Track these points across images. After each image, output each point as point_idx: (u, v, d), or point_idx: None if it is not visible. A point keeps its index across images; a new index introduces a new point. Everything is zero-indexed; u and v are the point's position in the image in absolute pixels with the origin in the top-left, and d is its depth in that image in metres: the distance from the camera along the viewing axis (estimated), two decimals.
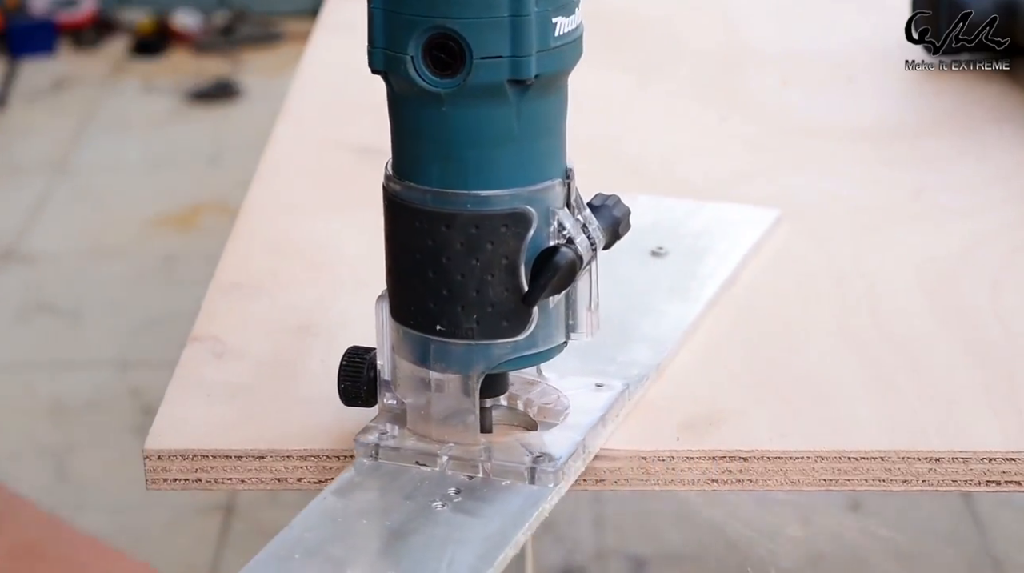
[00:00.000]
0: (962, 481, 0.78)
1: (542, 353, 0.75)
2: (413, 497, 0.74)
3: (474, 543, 0.71)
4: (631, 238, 0.98)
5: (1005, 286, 0.95)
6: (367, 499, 0.75)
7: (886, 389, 0.84)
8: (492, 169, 0.72)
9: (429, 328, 0.74)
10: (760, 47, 1.39)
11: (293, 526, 0.73)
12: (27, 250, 2.74)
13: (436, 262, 0.73)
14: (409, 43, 0.71)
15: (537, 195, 0.72)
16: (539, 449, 0.76)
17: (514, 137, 0.72)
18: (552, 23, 0.71)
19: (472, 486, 0.75)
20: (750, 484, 0.78)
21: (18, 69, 3.51)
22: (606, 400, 0.79)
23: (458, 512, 0.73)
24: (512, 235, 0.72)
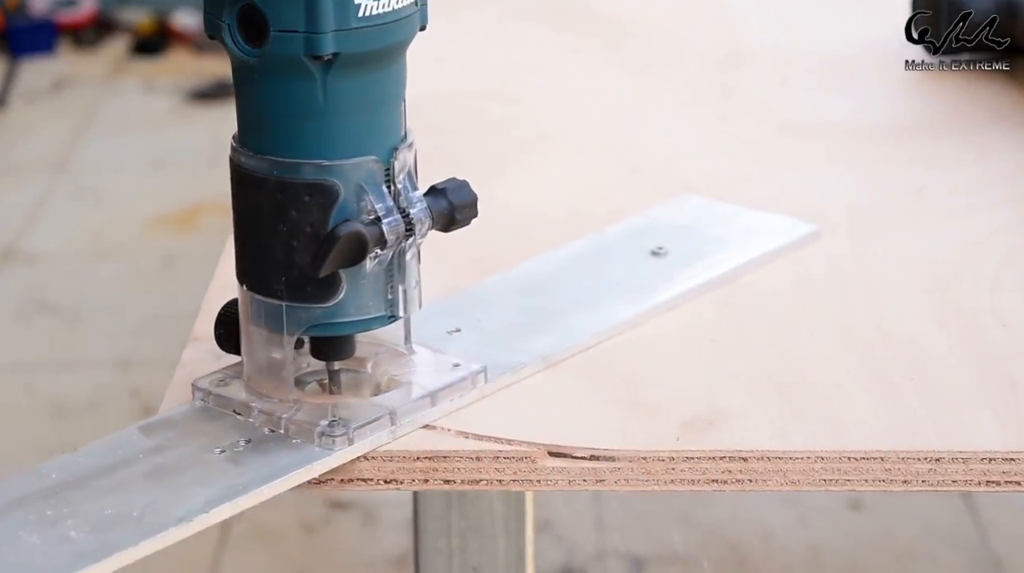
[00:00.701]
0: (962, 481, 0.78)
1: (355, 323, 0.78)
2: (205, 442, 0.77)
3: (213, 489, 0.74)
4: (644, 236, 0.99)
5: (1005, 286, 0.95)
6: (164, 437, 0.78)
7: (886, 389, 0.84)
8: (300, 139, 0.75)
9: (250, 286, 0.79)
10: (760, 47, 1.39)
11: (80, 450, 0.76)
12: (27, 250, 2.74)
13: (250, 223, 0.78)
14: (224, 11, 0.75)
15: (346, 169, 0.75)
16: (342, 413, 0.78)
17: (320, 110, 0.75)
18: (355, 4, 0.74)
19: (266, 439, 0.78)
20: (750, 484, 0.78)
21: (18, 69, 3.51)
22: (448, 379, 0.81)
23: (228, 461, 0.76)
24: (316, 205, 0.75)
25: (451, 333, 0.87)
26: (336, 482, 0.79)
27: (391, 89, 0.77)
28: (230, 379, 0.81)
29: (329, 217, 0.75)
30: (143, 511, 0.72)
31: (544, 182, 1.12)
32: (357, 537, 1.99)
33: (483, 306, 0.91)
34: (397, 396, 0.80)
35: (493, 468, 0.78)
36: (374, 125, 0.77)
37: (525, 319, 0.89)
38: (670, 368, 0.86)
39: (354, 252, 0.75)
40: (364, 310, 0.78)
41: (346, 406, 0.79)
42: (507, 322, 0.89)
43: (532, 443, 0.79)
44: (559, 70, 1.34)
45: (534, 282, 0.94)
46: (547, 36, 1.42)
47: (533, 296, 0.92)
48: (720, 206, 1.04)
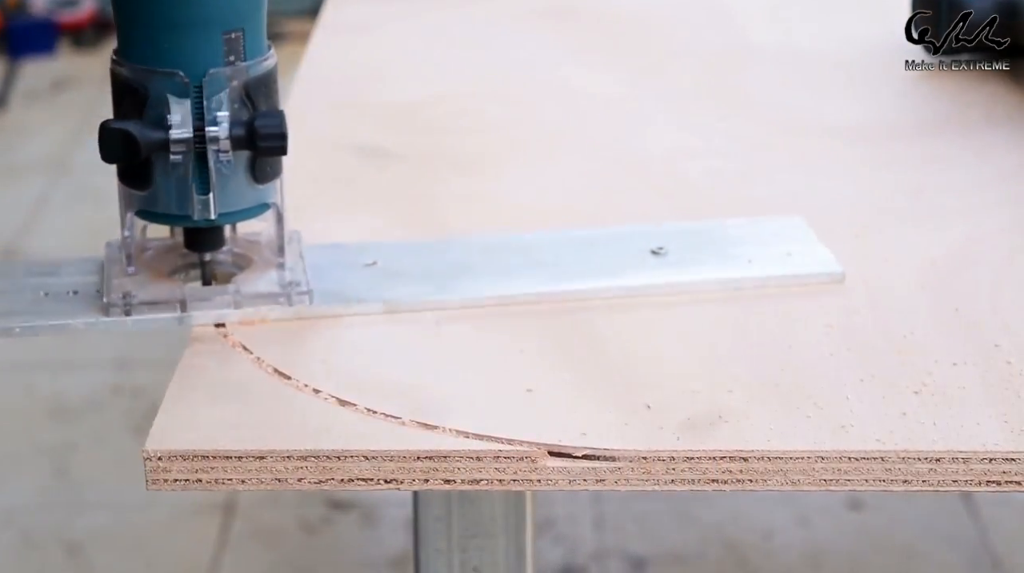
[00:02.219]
0: (962, 481, 0.78)
1: (167, 216, 0.88)
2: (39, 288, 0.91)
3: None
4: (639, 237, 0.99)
5: (1005, 286, 0.95)
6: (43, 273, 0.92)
7: (886, 389, 0.84)
8: (128, 45, 0.86)
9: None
10: (760, 47, 1.40)
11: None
12: (27, 250, 2.74)
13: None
14: None
15: (152, 77, 0.85)
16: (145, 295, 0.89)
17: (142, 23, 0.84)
18: None
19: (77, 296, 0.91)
20: (750, 484, 0.78)
21: (18, 69, 3.51)
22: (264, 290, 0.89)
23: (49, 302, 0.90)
24: (131, 104, 0.85)
25: (367, 266, 0.94)
26: (336, 482, 0.79)
27: (199, 13, 0.85)
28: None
29: (141, 116, 0.85)
30: None
31: (544, 182, 1.12)
32: (357, 537, 1.99)
33: (425, 253, 0.96)
34: (205, 289, 0.90)
35: (493, 468, 0.79)
36: (184, 45, 0.84)
37: (447, 269, 0.93)
38: (670, 368, 0.86)
39: (123, 148, 0.84)
40: (178, 206, 0.87)
41: (156, 288, 0.89)
42: (424, 268, 0.93)
43: (532, 443, 0.79)
44: (559, 70, 1.34)
45: (500, 248, 0.97)
46: (547, 36, 1.42)
47: (484, 256, 0.95)
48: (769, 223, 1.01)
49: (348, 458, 0.78)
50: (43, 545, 1.98)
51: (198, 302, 0.89)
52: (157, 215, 0.88)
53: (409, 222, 1.04)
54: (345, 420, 0.81)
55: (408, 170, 1.14)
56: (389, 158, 1.16)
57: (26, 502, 2.07)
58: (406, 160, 1.16)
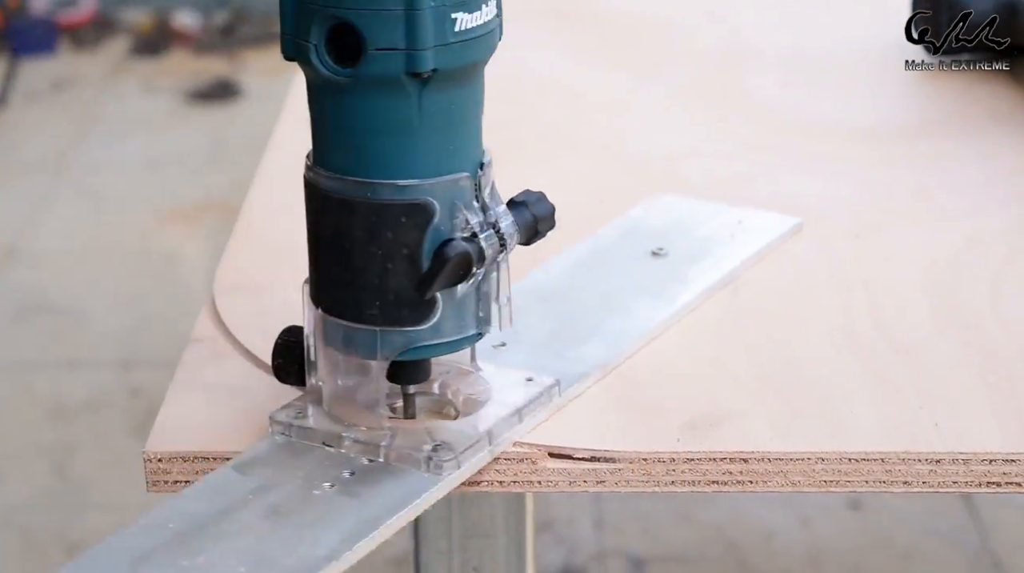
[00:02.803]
0: (962, 482, 0.78)
1: (450, 343, 0.76)
2: (307, 477, 0.75)
3: (344, 525, 0.72)
4: (636, 237, 0.99)
5: (1005, 286, 0.95)
6: (263, 475, 0.75)
7: (886, 389, 0.83)
8: (394, 159, 0.73)
9: (337, 312, 0.76)
10: (760, 47, 1.40)
11: (182, 496, 0.74)
12: (27, 250, 2.74)
13: (341, 248, 0.75)
14: (312, 31, 0.72)
15: (440, 188, 0.73)
16: (441, 437, 0.76)
17: (415, 128, 0.73)
18: (452, 18, 0.72)
19: (368, 470, 0.75)
20: (751, 485, 0.78)
21: (18, 69, 3.51)
22: (528, 395, 0.80)
23: (342, 494, 0.74)
24: (412, 226, 0.73)
25: (496, 347, 0.85)
26: None
27: (476, 103, 0.76)
28: (306, 409, 0.79)
29: (425, 237, 0.73)
30: (283, 555, 0.70)
31: (544, 182, 1.11)
32: None
33: (515, 318, 0.88)
34: (488, 416, 0.78)
35: (493, 469, 0.78)
36: (463, 141, 0.75)
37: (563, 328, 0.88)
38: (670, 369, 0.86)
39: (461, 271, 0.74)
40: (458, 329, 0.76)
41: (442, 429, 0.77)
42: (547, 332, 0.87)
43: (533, 444, 0.79)
44: (559, 70, 1.34)
45: (551, 290, 0.93)
46: (547, 36, 1.42)
47: (557, 304, 0.91)
48: (699, 205, 1.03)
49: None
50: (43, 545, 1.98)
51: (497, 430, 0.78)
52: (430, 348, 0.76)
53: None
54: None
55: None
56: None
57: (26, 502, 2.07)
58: None
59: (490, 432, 0.77)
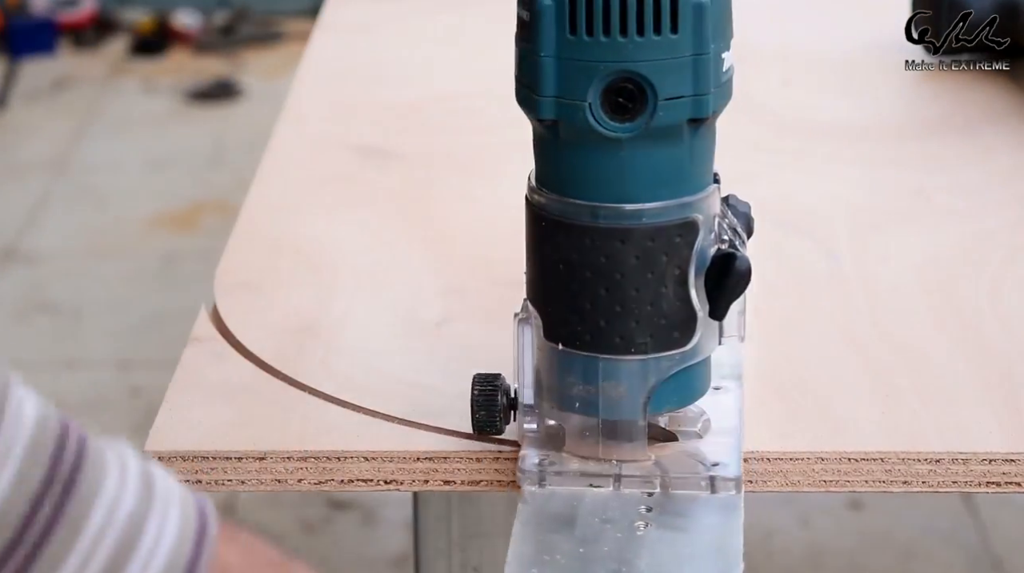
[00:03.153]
0: (962, 482, 0.78)
1: (701, 363, 0.75)
2: (611, 520, 0.72)
3: (707, 558, 0.70)
4: None
5: (1005, 286, 0.95)
6: (565, 528, 0.72)
7: (886, 389, 0.83)
8: (664, 182, 0.72)
9: (598, 346, 0.73)
10: (760, 47, 1.39)
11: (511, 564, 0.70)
12: (27, 250, 2.74)
13: (610, 279, 0.72)
14: (588, 90, 0.70)
15: (702, 202, 0.72)
16: (709, 458, 0.75)
17: (686, 172, 0.72)
18: (721, 58, 0.71)
19: (658, 502, 0.73)
20: (750, 485, 0.78)
21: (18, 69, 3.51)
22: (735, 401, 0.78)
23: (663, 528, 0.72)
24: (684, 244, 0.72)
25: None
26: (336, 482, 0.79)
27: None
28: (549, 455, 0.76)
29: (693, 254, 0.72)
30: None
31: None
32: (357, 537, 1.99)
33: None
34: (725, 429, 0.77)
35: (493, 469, 0.78)
36: (711, 155, 0.74)
37: None
38: None
39: (746, 283, 0.72)
40: (709, 346, 0.75)
41: (695, 450, 0.76)
42: None
43: None
44: None
45: None
46: None
47: None
48: None
49: (348, 459, 0.78)
50: None
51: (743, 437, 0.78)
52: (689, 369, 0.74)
53: (409, 221, 1.04)
54: (345, 421, 0.81)
55: (408, 170, 1.14)
56: (389, 158, 1.16)
57: None
58: (406, 160, 1.15)
59: (738, 436, 0.76)
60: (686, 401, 0.76)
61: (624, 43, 0.68)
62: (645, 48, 0.69)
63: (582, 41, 0.69)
